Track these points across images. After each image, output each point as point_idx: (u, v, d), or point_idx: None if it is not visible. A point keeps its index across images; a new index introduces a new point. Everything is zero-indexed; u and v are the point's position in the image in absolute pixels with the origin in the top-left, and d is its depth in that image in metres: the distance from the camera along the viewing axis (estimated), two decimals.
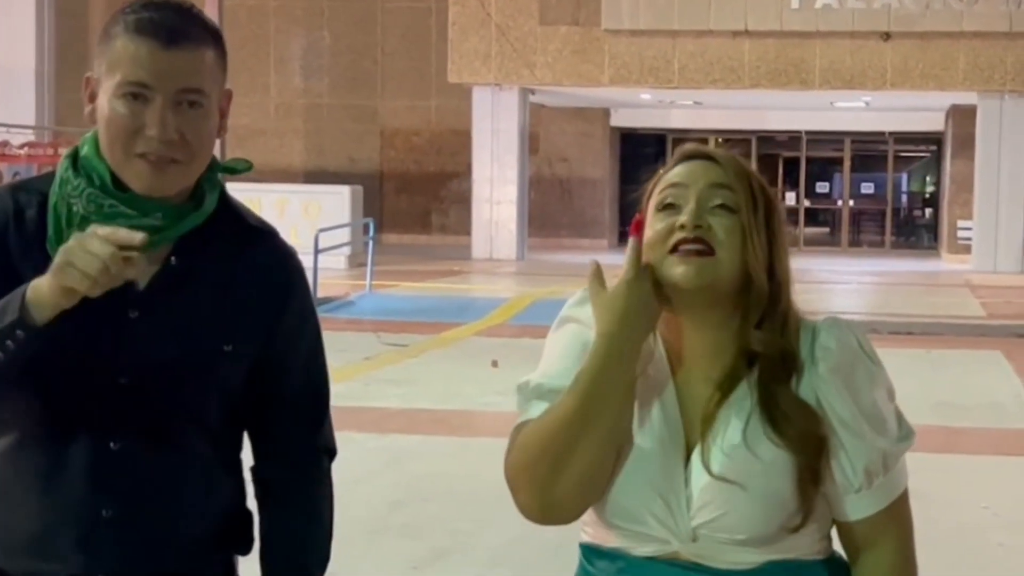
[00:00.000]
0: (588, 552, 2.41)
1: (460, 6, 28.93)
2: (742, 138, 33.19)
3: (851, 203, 36.30)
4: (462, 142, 31.27)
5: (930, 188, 37.82)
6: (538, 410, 2.31)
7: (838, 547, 2.43)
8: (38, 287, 2.21)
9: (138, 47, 2.33)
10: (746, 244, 2.30)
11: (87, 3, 31.90)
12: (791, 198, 35.13)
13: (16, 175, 17.79)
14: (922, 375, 13.53)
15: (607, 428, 2.23)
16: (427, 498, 8.31)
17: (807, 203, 36.38)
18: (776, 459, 2.25)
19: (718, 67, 28.01)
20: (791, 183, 35.92)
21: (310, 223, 22.83)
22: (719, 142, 30.26)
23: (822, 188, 37.27)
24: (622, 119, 34.49)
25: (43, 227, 2.36)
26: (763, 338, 2.31)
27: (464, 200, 31.12)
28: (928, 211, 37.38)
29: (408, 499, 8.27)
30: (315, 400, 2.60)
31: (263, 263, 2.49)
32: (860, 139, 35.67)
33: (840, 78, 27.77)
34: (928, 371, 14.07)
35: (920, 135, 35.43)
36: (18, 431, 2.39)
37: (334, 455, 2.66)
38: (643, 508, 2.27)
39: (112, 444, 2.37)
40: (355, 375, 12.75)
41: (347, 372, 12.59)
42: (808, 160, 36.24)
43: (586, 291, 2.37)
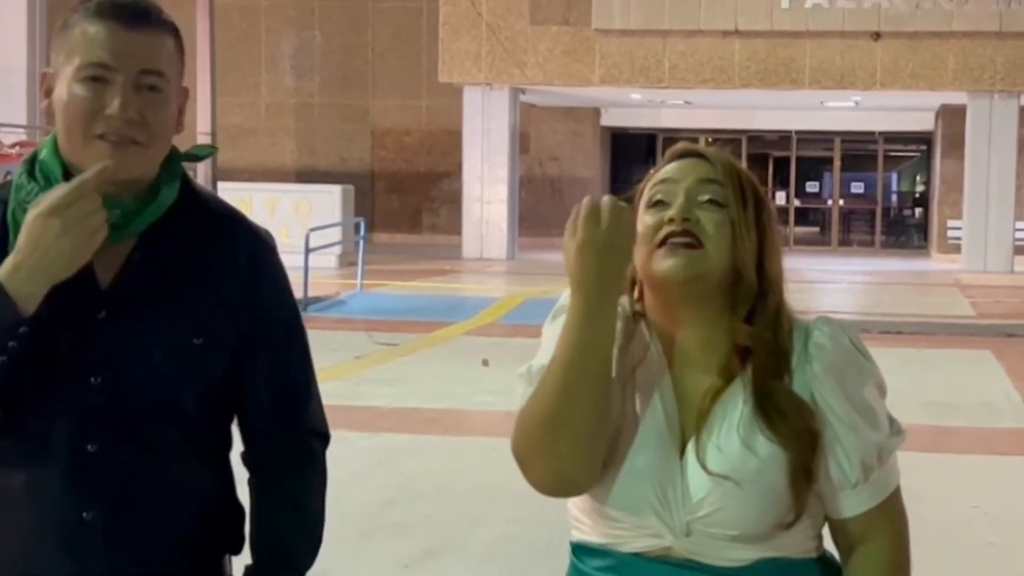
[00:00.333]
0: (578, 550, 2.42)
1: (451, 6, 28.93)
2: (732, 138, 33.21)
3: (841, 203, 36.35)
4: (453, 141, 31.27)
5: (920, 188, 37.88)
6: None
7: (830, 546, 2.43)
8: (15, 279, 2.18)
9: (98, 29, 2.31)
10: (735, 239, 2.32)
11: (79, 2, 31.83)
12: (781, 198, 35.19)
13: (8, 175, 17.75)
14: (912, 375, 13.54)
15: (595, 378, 2.21)
16: (419, 497, 8.31)
17: (797, 203, 36.45)
18: (771, 455, 2.26)
19: (708, 67, 28.03)
20: (781, 183, 35.98)
21: (301, 222, 22.85)
22: (709, 142, 30.27)
23: (812, 188, 37.33)
24: (612, 119, 34.52)
25: (4, 235, 2.32)
26: (752, 333, 2.32)
27: (455, 199, 31.13)
28: (918, 211, 37.42)
29: (400, 498, 8.27)
30: (297, 382, 2.54)
31: (230, 249, 2.43)
32: (850, 139, 35.73)
33: (830, 78, 27.81)
34: (918, 370, 14.09)
35: (910, 135, 35.49)
36: None
37: (327, 439, 2.61)
38: (642, 498, 2.28)
39: (89, 446, 2.33)
40: (346, 374, 12.75)
41: (338, 371, 12.59)
42: (798, 160, 36.30)
43: None
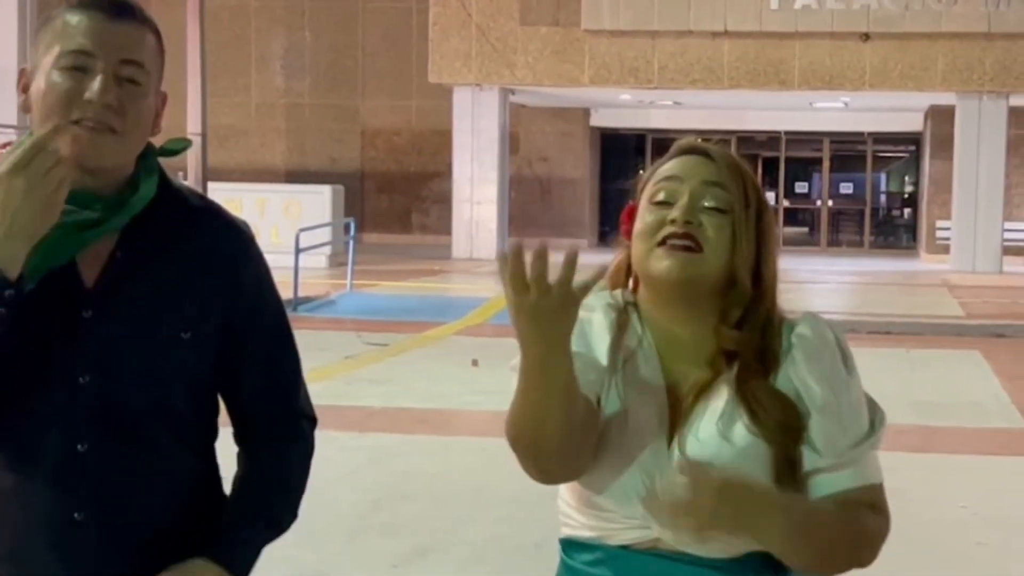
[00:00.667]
0: (567, 546, 2.44)
1: (441, 6, 28.94)
2: (722, 138, 33.14)
3: (830, 203, 36.39)
4: (443, 142, 31.27)
5: (909, 188, 37.93)
6: None
7: None
8: None
9: (80, 18, 2.31)
10: (734, 245, 2.33)
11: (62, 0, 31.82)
12: (770, 198, 35.23)
13: None
14: (901, 374, 13.57)
15: (557, 409, 2.16)
16: (408, 496, 8.31)
17: (786, 203, 36.50)
18: (749, 446, 2.27)
19: (698, 67, 28.06)
20: (770, 183, 36.01)
21: (291, 223, 22.84)
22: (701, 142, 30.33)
23: (801, 188, 37.38)
24: (602, 119, 34.54)
25: None
26: (739, 338, 2.33)
27: (445, 200, 31.12)
28: (907, 211, 37.47)
29: (389, 497, 8.28)
30: (286, 368, 2.54)
31: (210, 242, 2.43)
32: (839, 139, 35.78)
33: (819, 78, 27.84)
34: (907, 370, 14.11)
35: (899, 135, 35.54)
36: None
37: (315, 422, 2.61)
38: (630, 487, 2.29)
39: (80, 446, 2.33)
40: (336, 374, 12.75)
41: (328, 371, 12.60)
42: (787, 160, 36.36)
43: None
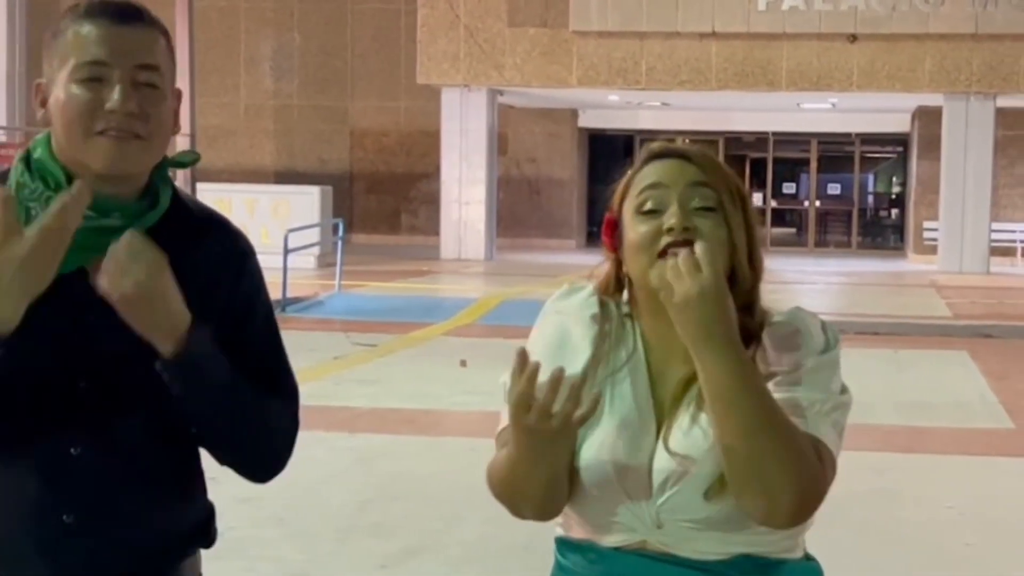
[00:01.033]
0: (561, 545, 2.46)
1: (429, 8, 28.94)
2: (709, 139, 33.25)
3: (817, 204, 36.43)
4: (431, 143, 31.27)
5: (896, 189, 37.99)
6: None
7: (812, 549, 2.45)
8: None
9: (91, 28, 2.30)
10: (730, 240, 2.33)
11: (60, 4, 31.79)
12: (758, 199, 35.27)
13: None
14: (888, 375, 13.61)
15: (542, 478, 2.30)
16: (396, 497, 8.32)
17: (774, 204, 36.56)
18: None
19: (686, 68, 28.08)
20: (758, 184, 36.07)
21: (280, 223, 22.84)
22: (686, 143, 30.34)
23: (789, 189, 37.44)
24: (590, 120, 34.57)
25: None
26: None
27: (433, 200, 31.12)
28: (894, 212, 37.52)
29: (377, 498, 8.28)
30: (279, 368, 2.55)
31: (214, 252, 2.45)
32: (826, 140, 35.83)
33: (807, 79, 27.88)
34: (894, 371, 14.15)
35: (886, 136, 35.59)
36: None
37: (297, 423, 2.58)
38: (610, 495, 2.31)
39: (73, 450, 2.34)
40: (324, 375, 12.75)
41: (316, 372, 12.60)
42: (775, 161, 36.40)
43: (572, 285, 2.42)
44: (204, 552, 2.61)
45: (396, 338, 15.95)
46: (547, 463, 2.26)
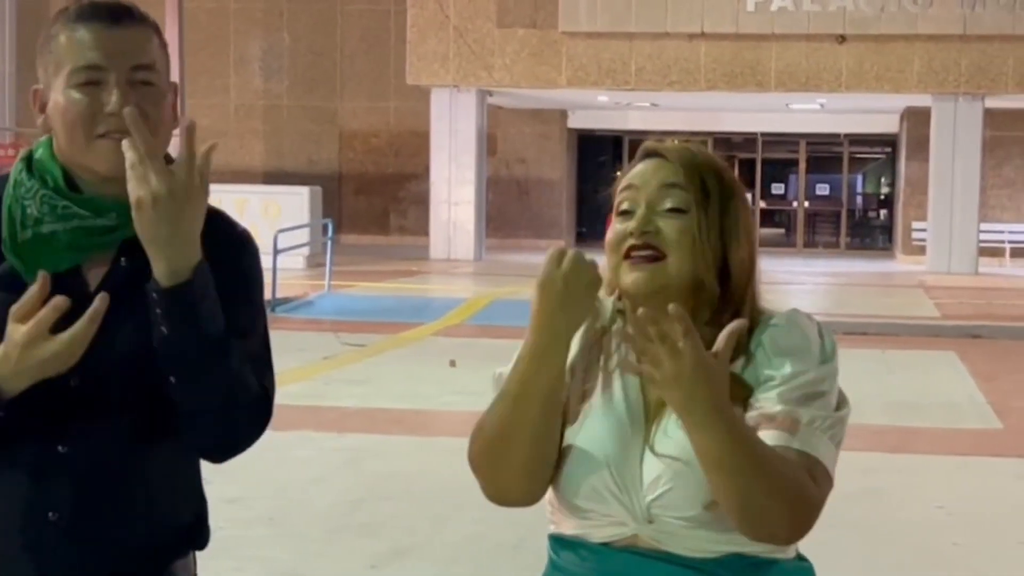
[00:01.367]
0: (553, 542, 2.45)
1: (418, 8, 28.93)
2: (699, 140, 33.23)
3: (806, 204, 36.48)
4: (420, 143, 31.26)
5: (885, 189, 38.06)
6: None
7: (806, 550, 2.45)
8: (2, 370, 2.23)
9: (83, 32, 2.31)
10: (700, 243, 2.32)
11: (49, 4, 31.76)
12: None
13: None
14: (877, 375, 13.63)
15: (537, 416, 2.29)
16: (386, 497, 8.32)
17: (763, 204, 36.62)
18: None
19: (675, 69, 28.10)
20: (747, 184, 36.08)
21: (269, 223, 22.78)
22: (675, 143, 30.39)
23: (777, 189, 37.50)
24: (579, 121, 34.58)
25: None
26: (709, 336, 2.29)
27: (422, 201, 31.12)
28: (883, 212, 37.60)
29: (367, 498, 8.29)
30: (265, 360, 2.51)
31: (215, 239, 2.42)
32: (815, 141, 35.89)
33: (795, 80, 27.90)
34: (883, 371, 14.17)
35: (875, 137, 35.65)
36: None
37: (269, 416, 2.52)
38: (603, 485, 2.31)
39: (60, 447, 2.33)
40: (314, 375, 12.75)
41: (306, 372, 12.60)
42: (764, 161, 36.45)
43: None
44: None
45: (386, 338, 15.96)
46: (549, 376, 2.26)
